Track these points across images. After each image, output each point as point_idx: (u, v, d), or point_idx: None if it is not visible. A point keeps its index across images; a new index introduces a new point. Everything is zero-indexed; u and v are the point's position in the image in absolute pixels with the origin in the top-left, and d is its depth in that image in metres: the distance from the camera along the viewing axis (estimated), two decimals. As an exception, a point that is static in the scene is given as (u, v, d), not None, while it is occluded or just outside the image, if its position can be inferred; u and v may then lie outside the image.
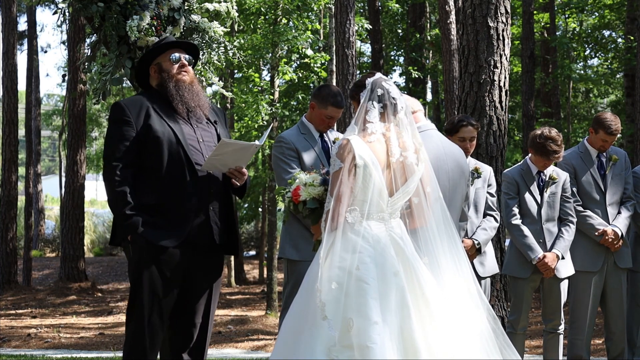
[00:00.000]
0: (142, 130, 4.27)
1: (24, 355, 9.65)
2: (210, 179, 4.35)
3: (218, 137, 4.48)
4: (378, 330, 3.52)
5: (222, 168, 4.35)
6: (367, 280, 3.63)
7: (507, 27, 7.33)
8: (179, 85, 4.40)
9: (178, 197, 4.25)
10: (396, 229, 3.83)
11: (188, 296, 4.39)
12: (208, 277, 4.43)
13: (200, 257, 4.37)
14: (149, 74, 4.52)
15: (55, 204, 36.18)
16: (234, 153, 4.30)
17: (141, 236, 4.20)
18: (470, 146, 5.85)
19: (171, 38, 4.69)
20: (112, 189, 4.24)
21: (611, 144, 6.28)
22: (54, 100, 43.32)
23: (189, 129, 4.38)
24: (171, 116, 4.36)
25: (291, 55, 16.43)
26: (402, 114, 3.93)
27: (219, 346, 11.59)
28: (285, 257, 5.17)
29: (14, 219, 18.07)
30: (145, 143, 4.27)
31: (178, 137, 4.29)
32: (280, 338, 3.73)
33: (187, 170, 4.28)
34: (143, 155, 4.28)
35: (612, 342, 6.31)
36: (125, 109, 4.31)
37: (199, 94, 4.46)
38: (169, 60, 4.45)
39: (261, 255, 21.63)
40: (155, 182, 4.26)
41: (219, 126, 4.54)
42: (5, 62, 18.38)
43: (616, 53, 20.48)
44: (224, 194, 4.44)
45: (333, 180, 3.79)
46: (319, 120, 5.28)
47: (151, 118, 4.30)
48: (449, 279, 3.88)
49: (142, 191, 4.25)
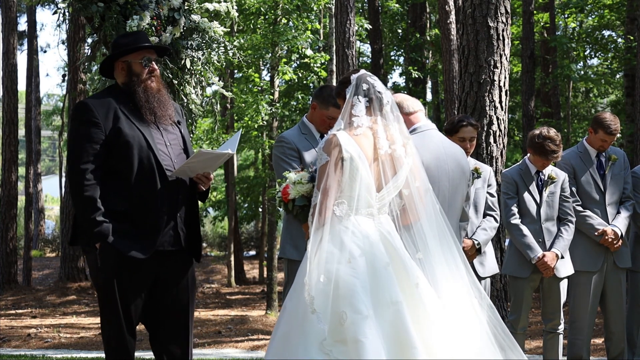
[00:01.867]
0: (111, 134, 4.15)
1: (24, 355, 9.65)
2: (178, 185, 4.28)
3: (183, 139, 4.43)
4: (370, 324, 3.53)
5: (190, 173, 4.32)
6: (357, 274, 3.63)
7: (507, 27, 7.33)
8: (147, 93, 4.30)
9: (149, 204, 4.18)
10: (385, 225, 3.83)
11: (162, 302, 4.35)
12: (177, 281, 4.37)
13: (169, 263, 4.32)
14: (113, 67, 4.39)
15: (55, 204, 36.19)
16: (206, 161, 4.28)
17: (111, 246, 4.11)
18: (470, 146, 5.85)
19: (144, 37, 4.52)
20: (80, 193, 4.11)
21: (610, 144, 6.28)
22: (54, 100, 43.31)
23: (157, 132, 4.30)
24: (139, 119, 4.26)
25: (291, 55, 16.43)
26: (388, 108, 3.94)
27: (219, 346, 11.59)
28: (285, 257, 5.17)
29: (14, 219, 18.07)
30: (114, 147, 4.16)
31: (149, 142, 4.20)
32: (274, 337, 3.73)
33: (158, 176, 4.20)
34: (111, 159, 4.18)
35: (612, 342, 6.31)
36: (93, 109, 4.18)
37: (166, 103, 4.36)
38: (139, 62, 4.34)
39: (261, 255, 21.63)
40: (125, 188, 4.17)
41: (182, 126, 4.48)
42: (5, 62, 18.38)
43: (616, 53, 20.48)
44: (190, 199, 4.39)
45: (320, 174, 3.80)
46: (320, 120, 5.28)
47: (120, 121, 4.19)
48: (443, 274, 3.87)
49: (110, 197, 4.14)
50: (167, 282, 4.35)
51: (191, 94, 6.04)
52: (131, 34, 4.69)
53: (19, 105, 19.31)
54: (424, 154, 4.22)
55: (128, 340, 4.25)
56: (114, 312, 4.20)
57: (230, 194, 20.51)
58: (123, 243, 4.12)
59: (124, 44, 4.39)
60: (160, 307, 4.37)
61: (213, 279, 22.26)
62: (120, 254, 4.12)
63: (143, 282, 4.25)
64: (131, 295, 4.22)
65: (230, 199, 20.54)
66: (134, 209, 4.16)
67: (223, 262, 23.74)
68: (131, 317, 4.24)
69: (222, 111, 18.39)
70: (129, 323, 4.24)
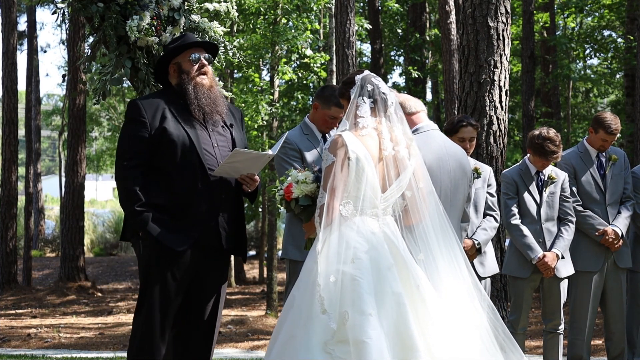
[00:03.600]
0: (157, 132, 4.27)
1: (24, 355, 9.65)
2: (222, 184, 4.35)
3: (233, 141, 4.48)
4: (373, 324, 3.53)
5: (234, 174, 4.36)
6: (362, 274, 3.64)
7: (507, 27, 7.33)
8: (197, 89, 4.38)
9: (188, 201, 4.26)
10: (390, 226, 3.85)
11: (195, 298, 4.40)
12: (214, 280, 4.44)
13: (208, 261, 4.38)
14: (167, 71, 4.51)
15: (55, 204, 36.18)
16: (247, 161, 4.31)
17: (151, 234, 4.21)
18: (470, 146, 5.85)
19: (191, 37, 4.66)
20: (123, 187, 4.26)
21: (611, 143, 6.28)
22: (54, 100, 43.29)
23: (204, 133, 4.37)
24: (187, 119, 4.34)
25: (291, 55, 16.42)
26: (392, 109, 3.96)
27: (219, 346, 11.59)
28: (287, 257, 5.16)
29: (14, 218, 18.06)
30: (159, 145, 4.27)
31: (192, 141, 4.29)
32: (275, 336, 3.74)
33: (200, 174, 4.28)
34: (156, 157, 4.28)
35: (612, 342, 6.31)
36: (141, 108, 4.31)
37: (216, 100, 4.44)
38: (188, 60, 4.44)
39: (261, 255, 21.62)
40: (167, 184, 4.27)
41: (234, 129, 4.53)
42: (5, 62, 18.37)
43: (616, 53, 20.48)
44: (235, 199, 4.45)
45: (326, 174, 3.81)
46: (322, 120, 5.27)
47: (167, 120, 4.29)
48: (445, 275, 3.89)
49: (152, 191, 4.25)
50: (202, 281, 4.39)
51: (191, 94, 6.03)
52: (178, 37, 4.80)
53: (19, 105, 19.30)
54: (426, 154, 4.23)
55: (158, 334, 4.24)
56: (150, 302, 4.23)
57: (230, 194, 20.47)
58: (161, 232, 4.20)
59: (171, 47, 4.51)
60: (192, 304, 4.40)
61: (213, 279, 22.23)
62: (159, 242, 4.19)
63: (182, 278, 4.29)
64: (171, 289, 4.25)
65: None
66: (173, 204, 4.25)
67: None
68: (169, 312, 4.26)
69: (222, 111, 18.33)
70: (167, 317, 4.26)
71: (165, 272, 4.24)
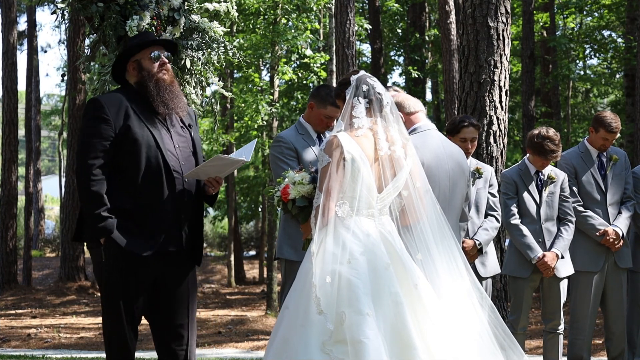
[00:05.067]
0: (120, 131, 4.18)
1: (24, 356, 9.65)
2: (185, 187, 4.30)
3: (193, 142, 4.44)
4: (370, 324, 3.53)
5: (203, 177, 4.35)
6: (358, 275, 3.64)
7: (507, 27, 7.33)
8: (159, 85, 4.32)
9: (153, 203, 4.20)
10: (386, 225, 3.84)
11: (163, 302, 4.36)
12: (179, 281, 4.39)
13: (170, 262, 4.33)
14: (126, 69, 4.43)
15: (55, 204, 36.16)
16: (220, 166, 4.30)
17: (115, 241, 4.14)
18: (471, 147, 5.85)
19: (151, 35, 4.61)
20: (86, 188, 4.13)
21: (611, 142, 6.28)
22: (53, 100, 43.29)
23: (166, 133, 4.32)
24: (150, 119, 4.28)
25: (291, 55, 16.43)
26: (388, 109, 3.96)
27: (218, 346, 11.58)
28: (283, 257, 5.13)
29: (14, 218, 18.06)
30: (122, 144, 4.19)
31: (157, 142, 4.23)
32: (273, 337, 3.74)
33: (165, 176, 4.23)
34: (119, 157, 4.20)
35: (612, 342, 6.31)
36: (104, 106, 4.21)
37: (178, 96, 4.39)
38: (149, 58, 4.37)
39: (261, 255, 21.63)
40: (131, 187, 4.19)
41: (193, 130, 4.49)
42: (5, 62, 18.37)
43: (615, 53, 20.48)
44: (196, 202, 4.40)
45: (322, 175, 3.81)
46: (317, 120, 5.26)
47: (130, 119, 4.21)
48: (444, 274, 3.88)
49: (115, 194, 4.17)
50: (168, 283, 4.36)
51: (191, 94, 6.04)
52: (137, 35, 4.74)
53: (18, 105, 19.30)
54: (425, 154, 4.22)
55: (129, 338, 4.26)
56: (116, 309, 4.21)
57: (230, 193, 20.51)
58: (125, 239, 4.14)
59: (131, 44, 4.44)
60: (161, 308, 4.37)
61: (213, 279, 22.26)
62: (123, 250, 4.14)
63: (145, 281, 4.26)
64: (133, 293, 4.24)
65: (230, 198, 20.54)
66: (138, 208, 4.18)
67: (223, 262, 23.74)
68: (133, 315, 4.26)
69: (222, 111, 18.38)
70: (131, 321, 4.25)
71: (128, 277, 4.20)
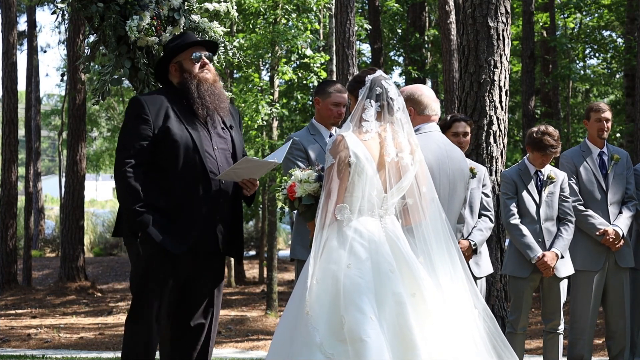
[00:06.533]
0: (160, 131, 4.23)
1: (24, 355, 9.64)
2: (221, 188, 4.33)
3: (233, 143, 4.46)
4: (372, 325, 3.52)
5: (236, 178, 4.36)
6: (362, 275, 3.63)
7: (507, 27, 7.33)
8: (201, 85, 4.35)
9: (189, 203, 4.24)
10: (390, 226, 3.82)
11: (190, 300, 4.40)
12: (209, 281, 4.44)
13: (203, 263, 4.37)
14: (168, 70, 4.48)
15: (55, 204, 36.14)
16: (251, 168, 4.32)
17: (150, 237, 4.17)
18: (464, 142, 5.85)
19: (192, 36, 4.64)
20: (123, 184, 4.19)
21: (608, 126, 6.29)
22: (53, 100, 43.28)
23: (206, 135, 4.35)
24: (190, 120, 4.31)
25: (291, 55, 16.42)
26: (400, 113, 3.93)
27: (218, 346, 11.59)
28: (296, 257, 5.17)
29: (14, 218, 18.06)
30: (161, 144, 4.24)
31: (195, 143, 4.26)
32: (276, 337, 3.74)
33: (201, 177, 4.26)
34: (157, 156, 4.25)
35: (613, 341, 6.31)
36: (145, 105, 4.26)
37: (220, 96, 4.41)
38: (190, 59, 4.41)
39: (261, 255, 21.62)
40: (167, 186, 4.24)
41: (234, 131, 4.51)
42: (5, 62, 18.37)
43: (615, 53, 20.48)
44: (233, 203, 4.43)
45: (326, 175, 3.80)
46: (326, 112, 5.27)
47: (170, 120, 4.25)
48: (444, 278, 3.88)
49: (151, 192, 4.21)
50: (197, 282, 4.39)
51: (191, 94, 6.03)
52: (178, 35, 4.77)
53: (18, 105, 19.29)
54: (426, 155, 4.22)
55: (154, 337, 4.26)
56: (146, 306, 4.23)
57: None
58: (160, 235, 4.17)
59: (172, 46, 4.48)
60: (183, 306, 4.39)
61: (213, 279, 22.22)
62: (158, 247, 4.17)
63: (177, 279, 4.29)
64: (165, 290, 4.25)
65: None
66: (173, 207, 4.22)
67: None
68: (160, 313, 4.27)
69: (222, 111, 18.33)
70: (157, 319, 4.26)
71: (164, 275, 4.23)
